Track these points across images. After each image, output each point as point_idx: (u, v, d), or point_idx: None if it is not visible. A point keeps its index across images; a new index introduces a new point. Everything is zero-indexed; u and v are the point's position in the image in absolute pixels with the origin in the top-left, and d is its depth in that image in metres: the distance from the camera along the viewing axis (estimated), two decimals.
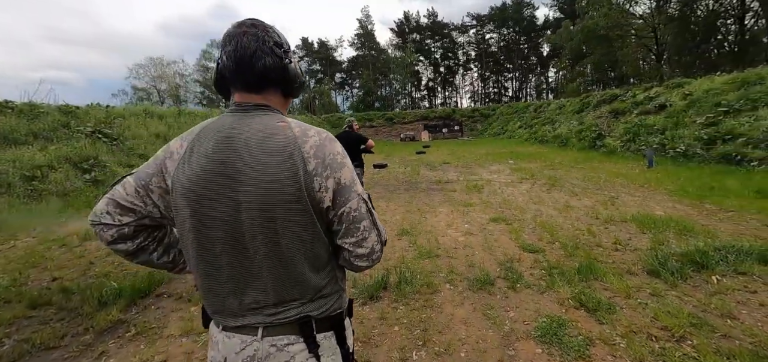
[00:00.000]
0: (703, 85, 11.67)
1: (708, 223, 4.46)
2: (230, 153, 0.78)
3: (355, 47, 60.96)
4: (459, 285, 3.16)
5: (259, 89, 0.86)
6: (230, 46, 0.83)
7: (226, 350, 0.83)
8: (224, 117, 0.84)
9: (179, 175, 0.80)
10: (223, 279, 0.81)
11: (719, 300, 2.67)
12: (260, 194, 0.76)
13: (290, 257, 0.80)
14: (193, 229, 0.80)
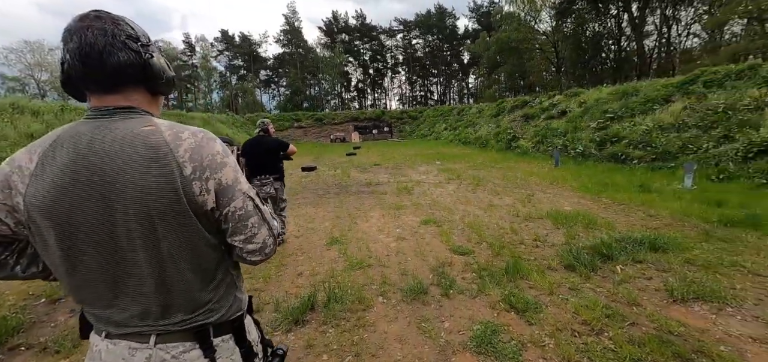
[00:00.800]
0: (594, 95, 13.59)
1: (607, 216, 5.03)
2: (95, 164, 0.73)
3: (281, 44, 58.13)
4: (392, 298, 2.97)
5: (116, 89, 0.79)
6: (73, 43, 0.74)
7: (111, 358, 0.80)
8: (80, 124, 0.77)
9: (34, 192, 0.73)
10: (102, 292, 0.78)
11: (625, 288, 2.92)
12: (135, 205, 0.73)
13: (174, 265, 0.78)
14: (60, 247, 0.74)
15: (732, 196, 5.52)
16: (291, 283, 3.33)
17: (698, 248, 3.70)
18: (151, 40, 0.85)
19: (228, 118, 31.96)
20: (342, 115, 39.93)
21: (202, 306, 0.83)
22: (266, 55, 60.60)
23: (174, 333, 0.81)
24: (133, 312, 0.79)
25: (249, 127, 34.34)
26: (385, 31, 62.07)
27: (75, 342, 2.45)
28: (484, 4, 53.80)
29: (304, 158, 16.40)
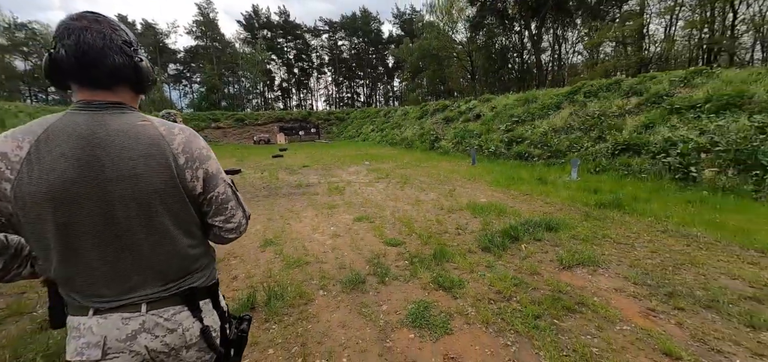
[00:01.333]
0: (503, 101, 15.37)
1: (514, 205, 5.83)
2: (96, 153, 0.79)
3: (193, 35, 52.91)
4: (332, 290, 3.09)
5: (109, 87, 0.86)
6: (70, 40, 0.79)
7: (103, 330, 0.85)
8: (74, 115, 0.82)
9: (28, 180, 0.77)
10: (97, 272, 0.84)
11: (527, 262, 3.49)
12: (136, 190, 0.82)
13: (171, 239, 0.89)
14: (57, 232, 0.80)
15: (604, 184, 6.86)
16: (226, 287, 3.21)
17: (580, 226, 4.56)
18: (139, 44, 0.94)
19: None
20: (266, 116, 38.04)
21: (189, 274, 0.95)
22: (176, 48, 54.59)
23: (165, 298, 0.91)
24: (127, 285, 0.87)
25: None
26: (310, 31, 60.97)
27: None
28: (407, 12, 56.41)
29: (225, 161, 15.32)
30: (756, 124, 6.76)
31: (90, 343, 0.84)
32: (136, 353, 0.86)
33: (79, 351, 0.84)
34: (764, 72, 8.28)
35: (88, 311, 0.86)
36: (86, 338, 0.85)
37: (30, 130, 0.79)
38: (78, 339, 0.85)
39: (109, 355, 0.85)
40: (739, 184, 5.97)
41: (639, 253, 3.71)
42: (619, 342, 2.28)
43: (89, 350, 0.84)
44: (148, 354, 0.88)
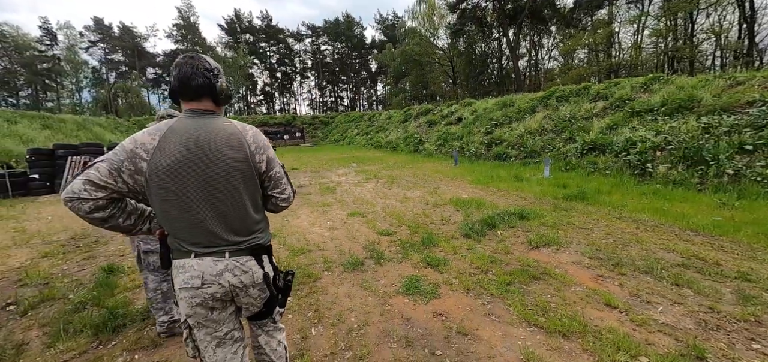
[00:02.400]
0: (483, 105, 16.18)
1: (493, 199, 6.44)
2: (200, 142, 1.20)
3: (173, 39, 52.03)
4: (336, 271, 3.56)
5: (197, 99, 1.27)
6: (176, 71, 1.25)
7: (201, 268, 1.23)
8: (184, 118, 1.24)
9: (159, 160, 1.16)
10: (198, 224, 1.21)
11: (502, 244, 4.07)
12: (225, 167, 1.23)
13: (244, 204, 1.28)
14: (176, 194, 1.18)
15: (572, 181, 7.58)
16: None
17: (548, 215, 5.19)
18: (219, 70, 1.34)
19: (108, 122, 27.46)
20: (249, 121, 37.87)
21: (255, 233, 1.34)
22: (155, 51, 53.51)
23: (240, 250, 1.29)
24: (216, 238, 1.25)
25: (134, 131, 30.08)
26: (293, 35, 60.92)
27: None
28: (389, 18, 57.25)
29: None
30: (702, 125, 7.65)
31: (193, 276, 1.23)
32: (221, 285, 1.25)
33: (186, 281, 1.23)
34: (711, 78, 9.27)
35: (190, 254, 1.23)
36: (190, 272, 1.23)
37: (158, 128, 1.21)
38: (184, 273, 1.23)
39: (205, 285, 1.24)
40: (687, 178, 6.79)
41: (596, 235, 4.34)
42: (571, 299, 2.86)
43: (192, 280, 1.23)
44: (229, 286, 1.27)
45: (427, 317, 2.64)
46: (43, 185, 9.98)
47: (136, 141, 1.17)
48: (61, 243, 5.07)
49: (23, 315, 2.99)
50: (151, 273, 2.50)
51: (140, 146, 1.16)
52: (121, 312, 2.81)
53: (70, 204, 1.11)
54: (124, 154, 1.15)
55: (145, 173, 1.16)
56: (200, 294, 1.25)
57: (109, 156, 1.15)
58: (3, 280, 3.80)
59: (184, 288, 1.24)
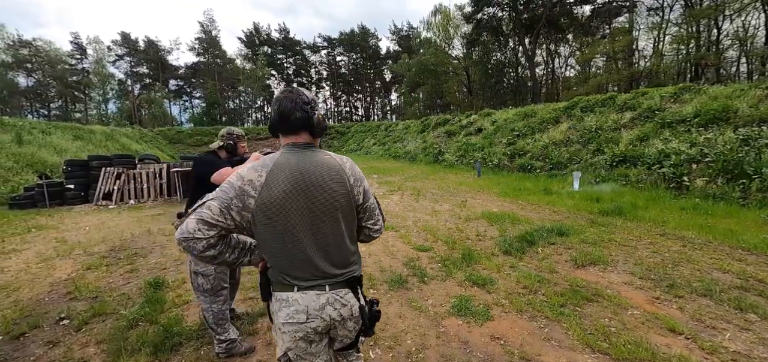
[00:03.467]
0: (503, 115, 16.05)
1: (524, 214, 6.34)
2: (305, 177, 1.22)
3: (195, 52, 53.74)
4: (380, 288, 3.55)
5: (296, 133, 1.29)
6: (275, 105, 1.29)
7: (305, 302, 1.23)
8: (286, 154, 1.25)
9: (267, 196, 1.18)
10: (302, 257, 1.22)
11: (545, 263, 3.99)
12: (329, 200, 1.24)
13: (343, 236, 1.29)
14: (283, 229, 1.20)
15: (605, 194, 7.40)
16: None
17: (588, 231, 5.08)
18: (315, 102, 1.35)
19: (134, 132, 28.43)
20: (267, 130, 38.60)
21: (352, 265, 1.33)
22: (177, 64, 55.36)
23: (339, 283, 1.29)
24: (318, 271, 1.25)
25: (159, 142, 30.99)
26: (309, 47, 62.04)
27: None
28: (404, 29, 57.74)
29: None
30: (741, 137, 7.39)
31: (298, 310, 1.22)
32: (323, 319, 1.24)
33: (290, 315, 1.22)
34: (746, 88, 8.97)
35: (293, 288, 1.23)
36: (294, 307, 1.22)
37: (264, 165, 1.21)
38: (288, 307, 1.23)
39: (310, 320, 1.22)
40: (728, 192, 6.55)
41: (641, 254, 4.22)
42: (631, 323, 2.77)
43: (298, 315, 1.22)
44: (329, 320, 1.26)
45: (485, 340, 2.60)
46: (78, 195, 10.34)
47: (244, 178, 1.19)
48: (102, 255, 5.18)
49: (78, 330, 3.02)
50: (201, 294, 2.45)
51: (248, 183, 1.18)
52: (176, 329, 2.83)
53: (185, 244, 1.12)
54: (232, 191, 1.17)
55: (252, 209, 1.18)
56: (304, 329, 1.24)
57: (218, 194, 1.17)
58: (52, 293, 3.87)
59: (289, 323, 1.24)
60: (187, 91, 57.69)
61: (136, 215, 8.22)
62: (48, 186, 9.91)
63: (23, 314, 3.32)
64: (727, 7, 21.79)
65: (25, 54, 42.06)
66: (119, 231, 6.67)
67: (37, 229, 7.01)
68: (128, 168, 10.56)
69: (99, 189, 10.11)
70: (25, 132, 16.11)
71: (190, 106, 58.01)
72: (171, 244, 5.57)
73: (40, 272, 4.52)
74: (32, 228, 7.14)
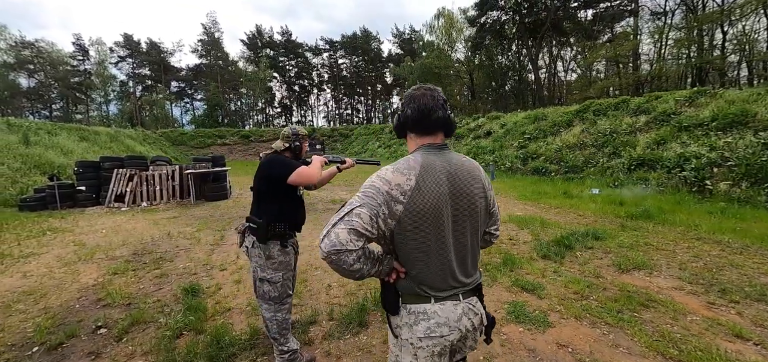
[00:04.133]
0: (512, 118, 16.05)
1: (551, 217, 6.30)
2: (455, 181, 1.15)
3: (197, 54, 53.71)
4: None
5: (433, 133, 1.21)
6: (413, 103, 1.19)
7: (445, 314, 1.13)
8: (428, 155, 1.16)
9: (418, 202, 1.08)
10: (445, 266, 1.14)
11: (588, 267, 3.94)
12: (470, 205, 1.18)
13: (477, 242, 1.23)
14: (433, 236, 1.11)
15: (627, 198, 7.37)
16: (326, 295, 3.56)
17: (621, 235, 5.03)
18: (447, 102, 1.25)
19: (138, 134, 28.31)
20: (270, 132, 38.51)
21: (477, 271, 1.26)
22: (179, 65, 55.27)
23: (469, 291, 1.21)
24: (455, 280, 1.16)
25: (162, 143, 30.88)
26: (311, 49, 62.07)
27: None
28: (406, 32, 57.88)
29: (246, 179, 15.70)
30: (762, 141, 7.38)
31: (439, 323, 1.11)
32: (459, 330, 1.14)
33: (431, 329, 1.11)
34: (764, 92, 8.98)
35: (430, 299, 1.13)
36: (435, 320, 1.12)
37: (409, 166, 1.11)
38: (428, 321, 1.11)
39: (450, 333, 1.13)
40: (753, 196, 6.52)
41: (682, 258, 4.17)
42: (694, 329, 2.72)
43: (439, 328, 1.11)
44: (464, 331, 1.16)
45: (552, 348, 2.54)
46: (90, 197, 10.24)
47: (390, 182, 1.08)
48: (126, 260, 5.05)
49: (119, 339, 2.87)
50: (265, 302, 2.31)
51: (396, 188, 1.07)
52: (227, 339, 2.71)
53: (336, 257, 1.00)
54: (380, 197, 1.06)
55: (398, 216, 1.07)
56: (443, 342, 1.14)
57: (365, 201, 1.06)
58: (82, 299, 3.73)
59: (429, 337, 1.13)
60: (188, 93, 57.59)
61: (151, 218, 8.13)
62: (59, 187, 9.81)
63: (56, 322, 3.17)
64: (733, 12, 21.89)
65: (27, 55, 41.95)
66: (138, 234, 6.58)
67: (52, 232, 6.90)
68: (141, 170, 10.47)
69: (111, 191, 10.01)
70: (32, 133, 16.01)
71: (191, 107, 57.93)
72: (195, 248, 5.49)
73: (65, 277, 4.39)
74: (47, 230, 7.03)
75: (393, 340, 1.23)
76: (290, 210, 2.36)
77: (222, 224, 7.00)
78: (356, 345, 2.64)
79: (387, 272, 1.18)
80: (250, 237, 2.31)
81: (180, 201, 10.35)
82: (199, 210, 8.83)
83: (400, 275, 1.18)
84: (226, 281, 4.04)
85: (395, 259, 1.18)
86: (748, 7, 21.80)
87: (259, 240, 2.24)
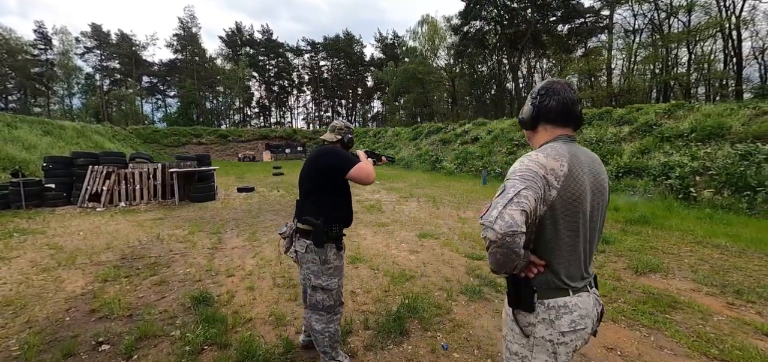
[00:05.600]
0: (499, 125, 16.41)
1: None
2: (595, 173, 1.17)
3: (172, 49, 51.40)
4: (460, 300, 3.40)
5: (569, 125, 1.21)
6: (557, 96, 1.18)
7: (584, 304, 1.14)
8: (572, 146, 1.15)
9: (572, 188, 1.07)
10: (583, 257, 1.15)
11: (606, 270, 4.02)
12: (604, 198, 1.21)
13: (599, 236, 1.25)
14: (578, 222, 1.10)
15: (619, 203, 7.65)
16: (353, 302, 3.36)
17: (626, 240, 5.18)
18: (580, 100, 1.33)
19: (107, 130, 26.67)
20: (250, 133, 37.47)
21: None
22: (152, 59, 52.71)
23: (592, 281, 1.24)
24: (587, 271, 1.19)
25: (133, 141, 29.24)
26: (292, 49, 61.07)
27: None
28: (389, 37, 58.20)
29: (228, 180, 15.12)
30: (739, 152, 7.90)
31: (582, 316, 1.12)
32: (592, 320, 1.18)
33: (575, 322, 1.11)
34: (736, 107, 9.65)
35: (569, 292, 1.12)
36: (577, 312, 1.11)
37: (560, 153, 1.10)
38: (570, 314, 1.11)
39: (587, 323, 1.14)
40: (735, 203, 6.95)
41: (690, 261, 4.34)
42: (725, 329, 2.80)
43: (582, 320, 1.12)
44: (594, 320, 1.19)
45: (602, 352, 2.53)
46: (60, 195, 9.46)
47: (545, 167, 1.06)
48: (114, 265, 4.60)
49: (128, 357, 2.56)
50: (316, 313, 2.13)
51: (550, 172, 1.06)
52: (260, 354, 2.46)
53: (510, 239, 0.95)
54: (539, 180, 1.04)
55: (550, 202, 1.06)
56: (584, 335, 1.16)
57: (528, 184, 1.02)
58: (73, 311, 3.31)
59: (573, 331, 1.11)
60: (161, 89, 55.02)
61: (132, 219, 7.60)
62: (25, 184, 9.00)
63: (45, 338, 2.77)
64: (694, 34, 23.58)
65: None
66: (122, 236, 6.11)
67: (21, 233, 6.28)
68: (119, 167, 9.79)
69: (85, 190, 9.29)
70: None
71: (163, 104, 55.36)
72: (192, 252, 5.14)
73: (46, 285, 3.91)
74: (14, 232, 6.39)
75: (521, 341, 1.18)
76: (346, 209, 2.20)
77: (216, 226, 6.64)
78: (403, 356, 2.51)
79: (524, 267, 1.13)
80: (302, 241, 2.11)
81: (162, 202, 9.77)
82: (186, 212, 8.36)
83: (540, 269, 1.13)
84: (237, 288, 3.77)
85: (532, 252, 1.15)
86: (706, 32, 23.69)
87: (315, 244, 2.05)
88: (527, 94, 1.32)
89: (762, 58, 25.36)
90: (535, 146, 1.26)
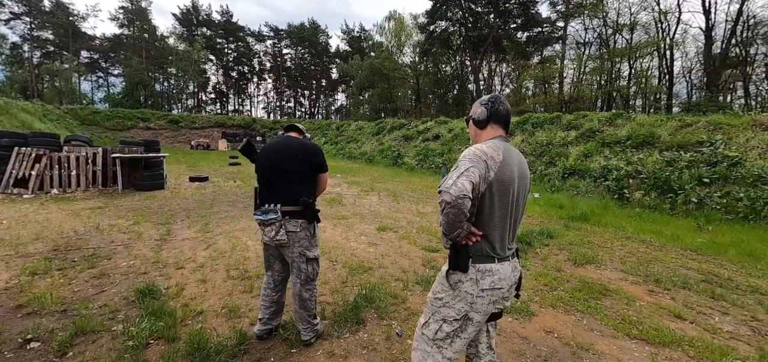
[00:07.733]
0: (460, 124, 16.97)
1: None
2: (521, 165, 1.49)
3: (118, 23, 46.89)
4: (415, 289, 3.52)
5: (506, 128, 1.55)
6: (499, 105, 1.52)
7: (504, 272, 1.45)
8: (504, 143, 1.46)
9: (506, 173, 1.37)
10: (507, 232, 1.45)
11: (549, 262, 4.35)
12: (526, 188, 1.53)
13: (521, 218, 1.56)
14: (507, 202, 1.40)
15: (564, 201, 8.28)
16: None
17: (568, 235, 5.65)
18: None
19: (36, 108, 23.89)
20: (204, 119, 35.45)
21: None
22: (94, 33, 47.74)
23: (513, 253, 1.56)
24: (511, 245, 1.51)
25: (68, 122, 26.48)
26: (253, 34, 58.44)
27: None
28: (355, 30, 57.65)
29: (178, 167, 14.25)
30: (665, 159, 8.87)
31: (501, 278, 1.43)
32: (510, 284, 1.50)
33: (495, 283, 1.42)
34: (665, 119, 10.80)
35: (494, 260, 1.43)
36: (498, 275, 1.43)
37: (497, 147, 1.41)
38: (492, 276, 1.42)
39: (504, 285, 1.45)
40: (660, 204, 7.81)
41: (619, 254, 4.83)
42: (645, 312, 3.17)
43: (501, 282, 1.44)
44: (512, 284, 1.52)
45: (542, 335, 2.75)
46: None
47: (487, 154, 1.36)
48: (45, 257, 4.18)
49: (62, 354, 2.35)
50: (308, 284, 2.42)
51: (490, 159, 1.35)
52: (211, 347, 2.37)
53: (461, 201, 1.22)
54: (482, 164, 1.33)
55: (489, 181, 1.34)
56: (500, 293, 1.46)
57: (474, 163, 1.31)
58: None
59: (492, 289, 1.42)
60: (102, 67, 50.12)
61: (67, 207, 6.93)
62: None
63: None
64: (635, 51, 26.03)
65: None
66: (54, 226, 5.56)
67: None
68: (51, 150, 8.84)
69: (9, 173, 8.29)
70: None
71: (105, 83, 50.53)
72: (137, 243, 4.82)
73: None
74: None
75: (447, 291, 1.48)
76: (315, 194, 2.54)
77: (164, 217, 6.26)
78: (359, 343, 2.56)
79: (465, 234, 1.39)
80: (295, 221, 2.31)
81: (103, 190, 8.99)
82: (130, 201, 7.78)
83: (477, 238, 1.40)
84: (187, 281, 3.61)
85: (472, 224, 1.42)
86: (645, 50, 26.29)
87: (309, 221, 2.35)
88: (486, 97, 1.60)
89: (689, 77, 28.62)
90: (479, 142, 1.51)
